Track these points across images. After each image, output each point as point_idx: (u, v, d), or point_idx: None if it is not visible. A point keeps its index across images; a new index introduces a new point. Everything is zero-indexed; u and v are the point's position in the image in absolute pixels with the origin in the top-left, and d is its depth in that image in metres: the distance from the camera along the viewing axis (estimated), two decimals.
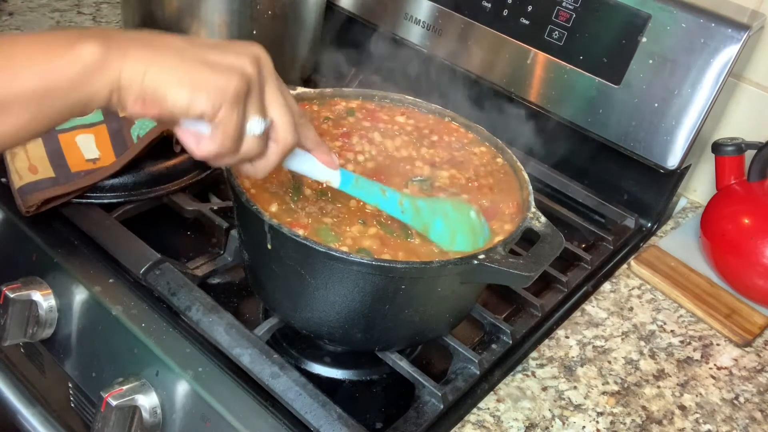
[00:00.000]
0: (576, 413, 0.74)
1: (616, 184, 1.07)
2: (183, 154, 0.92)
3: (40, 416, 0.91)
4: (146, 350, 0.74)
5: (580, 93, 1.02)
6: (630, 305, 0.90)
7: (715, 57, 0.92)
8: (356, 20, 1.23)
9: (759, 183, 0.94)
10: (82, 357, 0.81)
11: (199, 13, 1.06)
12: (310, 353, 0.80)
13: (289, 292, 0.71)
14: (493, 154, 0.82)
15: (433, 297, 0.69)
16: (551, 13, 1.02)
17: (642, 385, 0.79)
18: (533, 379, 0.78)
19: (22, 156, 0.86)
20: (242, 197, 0.66)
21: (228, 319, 0.74)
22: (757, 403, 0.80)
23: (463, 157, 0.81)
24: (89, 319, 0.80)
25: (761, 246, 0.90)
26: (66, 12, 1.28)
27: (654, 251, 0.97)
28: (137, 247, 0.82)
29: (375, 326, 0.71)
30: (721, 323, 0.88)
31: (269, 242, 0.66)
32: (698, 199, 1.12)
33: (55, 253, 0.82)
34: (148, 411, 0.72)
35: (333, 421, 0.66)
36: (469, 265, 0.65)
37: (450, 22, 1.12)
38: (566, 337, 0.84)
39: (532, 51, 1.05)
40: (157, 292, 0.78)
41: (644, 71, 0.96)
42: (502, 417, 0.73)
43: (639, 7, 0.95)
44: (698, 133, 0.96)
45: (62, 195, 0.84)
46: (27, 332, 0.81)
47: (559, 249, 0.69)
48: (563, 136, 1.08)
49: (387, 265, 0.63)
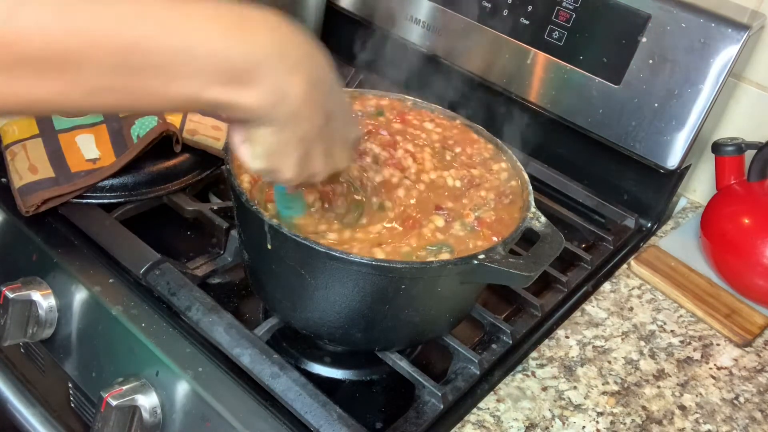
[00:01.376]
0: (576, 413, 0.74)
1: (616, 184, 1.07)
2: (183, 154, 0.92)
3: (40, 416, 0.91)
4: (146, 350, 0.74)
5: (580, 93, 1.02)
6: (630, 305, 0.90)
7: (715, 57, 0.92)
8: (356, 20, 1.23)
9: (759, 183, 0.94)
10: (82, 357, 0.81)
11: None
12: (310, 353, 0.80)
13: (289, 292, 0.71)
14: (510, 174, 0.79)
15: (433, 297, 0.69)
16: (551, 13, 1.02)
17: (642, 385, 0.79)
18: (533, 379, 0.78)
19: (22, 156, 0.86)
20: (242, 197, 0.66)
21: (228, 319, 0.74)
22: (757, 403, 0.80)
23: (480, 176, 0.78)
24: (89, 319, 0.80)
25: (761, 246, 0.90)
26: None
27: (654, 251, 0.97)
28: (137, 247, 0.82)
29: (375, 326, 0.71)
30: (721, 323, 0.88)
31: (269, 242, 0.66)
32: (698, 199, 1.12)
33: (55, 253, 0.82)
34: (148, 411, 0.72)
35: (333, 421, 0.66)
36: (469, 265, 0.65)
37: (450, 22, 1.12)
38: (566, 337, 0.84)
39: (532, 51, 1.05)
40: (157, 292, 0.78)
41: (644, 71, 0.96)
42: (502, 417, 0.73)
43: (639, 7, 0.95)
44: (698, 133, 0.96)
45: (62, 195, 0.84)
46: (27, 332, 0.81)
47: (559, 249, 0.69)
48: (563, 136, 1.08)
49: (387, 265, 0.63)
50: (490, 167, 0.80)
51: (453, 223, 0.71)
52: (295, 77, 0.50)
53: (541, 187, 1.09)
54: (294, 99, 0.50)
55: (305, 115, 0.52)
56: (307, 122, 0.52)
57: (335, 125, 0.56)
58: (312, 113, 0.52)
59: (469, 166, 0.79)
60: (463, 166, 0.79)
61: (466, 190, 0.76)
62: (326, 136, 0.55)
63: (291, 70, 0.49)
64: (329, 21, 1.22)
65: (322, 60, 0.53)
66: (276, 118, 0.51)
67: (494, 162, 0.81)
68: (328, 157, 0.57)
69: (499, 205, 0.74)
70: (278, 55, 0.49)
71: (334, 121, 0.55)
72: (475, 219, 0.72)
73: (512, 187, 0.77)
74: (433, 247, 0.68)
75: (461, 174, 0.77)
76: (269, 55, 0.48)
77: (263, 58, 0.48)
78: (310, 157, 0.56)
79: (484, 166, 0.80)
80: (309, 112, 0.52)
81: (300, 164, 0.56)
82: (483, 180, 0.77)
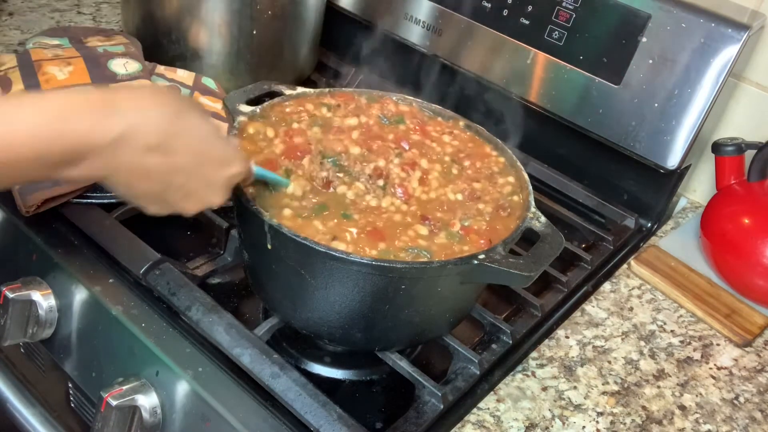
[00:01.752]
0: (576, 413, 0.74)
1: (616, 184, 1.07)
2: None
3: (40, 416, 0.91)
4: (146, 350, 0.74)
5: (580, 93, 1.02)
6: (630, 305, 0.90)
7: (715, 57, 0.92)
8: (356, 20, 1.23)
9: (759, 183, 0.94)
10: (82, 357, 0.81)
11: (199, 13, 1.06)
12: (310, 353, 0.80)
13: (289, 292, 0.71)
14: (514, 189, 0.78)
15: (433, 297, 0.69)
16: (551, 13, 1.02)
17: (642, 385, 0.79)
18: (533, 379, 0.78)
19: None
20: (242, 197, 0.66)
21: (228, 319, 0.74)
22: (757, 403, 0.80)
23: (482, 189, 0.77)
24: (89, 319, 0.80)
25: (761, 246, 0.90)
26: (66, 12, 1.28)
27: (654, 251, 0.97)
28: (137, 247, 0.82)
29: (375, 326, 0.71)
30: (721, 323, 0.88)
31: (269, 242, 0.66)
32: (698, 199, 1.12)
33: (55, 253, 0.82)
34: (148, 411, 0.72)
35: (333, 421, 0.66)
36: (469, 265, 0.65)
37: (450, 22, 1.12)
38: (566, 337, 0.84)
39: (532, 51, 1.05)
40: (157, 292, 0.78)
41: (644, 71, 0.96)
42: (502, 417, 0.73)
43: (639, 7, 0.95)
44: (698, 133, 0.96)
45: (62, 195, 0.84)
46: (27, 332, 0.81)
47: (559, 249, 0.69)
48: (563, 136, 1.08)
49: (387, 264, 0.63)
50: (496, 181, 0.79)
51: (439, 233, 0.70)
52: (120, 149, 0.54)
53: (541, 187, 1.09)
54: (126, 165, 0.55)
55: (140, 173, 0.57)
56: (145, 180, 0.58)
57: (196, 170, 0.60)
58: (153, 169, 0.57)
59: (473, 180, 0.78)
60: (467, 179, 0.78)
61: (465, 203, 0.75)
62: (179, 184, 0.59)
63: (116, 143, 0.53)
64: (329, 21, 1.22)
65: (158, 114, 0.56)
66: (111, 184, 0.58)
67: (501, 176, 0.80)
68: (189, 198, 0.61)
69: (496, 217, 0.73)
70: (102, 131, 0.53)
71: (196, 167, 0.59)
72: (461, 228, 0.71)
73: (513, 201, 0.76)
74: (412, 249, 0.67)
75: (462, 188, 0.77)
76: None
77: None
78: (166, 200, 0.61)
79: (490, 180, 0.79)
80: (145, 171, 0.56)
81: (157, 205, 0.62)
82: (484, 193, 0.77)
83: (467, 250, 0.68)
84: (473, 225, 0.72)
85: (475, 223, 0.72)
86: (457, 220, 0.72)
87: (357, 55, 1.16)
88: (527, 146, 1.06)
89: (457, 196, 0.75)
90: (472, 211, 0.74)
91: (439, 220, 0.71)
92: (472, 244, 0.69)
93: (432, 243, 0.69)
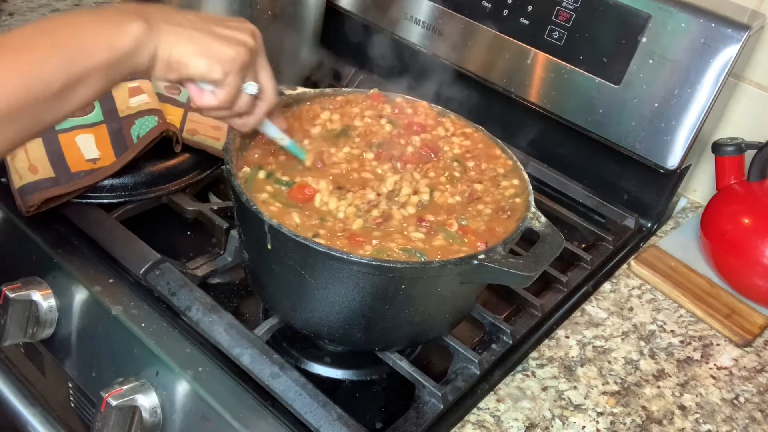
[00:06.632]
0: (576, 413, 0.74)
1: (616, 184, 1.07)
2: (183, 154, 0.92)
3: (40, 416, 0.91)
4: (146, 350, 0.74)
5: (580, 93, 1.02)
6: (630, 305, 0.90)
7: (715, 57, 0.92)
8: (356, 20, 1.23)
9: (759, 183, 0.94)
10: (82, 357, 0.81)
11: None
12: (310, 353, 0.80)
13: (289, 292, 0.71)
14: (517, 192, 0.78)
15: (433, 297, 0.69)
16: (551, 13, 1.02)
17: (642, 385, 0.79)
18: (533, 379, 0.78)
19: (22, 156, 0.86)
20: (242, 197, 0.66)
21: (228, 319, 0.74)
22: (757, 403, 0.80)
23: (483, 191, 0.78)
24: (89, 319, 0.80)
25: (761, 246, 0.90)
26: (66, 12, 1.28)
27: (654, 251, 0.97)
28: (137, 247, 0.82)
29: (375, 326, 0.71)
30: (721, 323, 0.88)
31: (269, 242, 0.66)
32: (698, 199, 1.12)
33: (55, 253, 0.82)
34: (148, 411, 0.72)
35: (333, 421, 0.66)
36: (469, 265, 0.65)
37: (450, 22, 1.12)
38: (566, 337, 0.84)
39: (532, 51, 1.05)
40: (157, 292, 0.78)
41: (644, 71, 0.96)
42: (502, 417, 0.73)
43: (639, 7, 0.95)
44: (698, 133, 0.96)
45: (62, 195, 0.84)
46: (27, 332, 0.81)
47: (559, 249, 0.69)
48: (563, 136, 1.08)
49: (387, 265, 0.63)
50: (499, 183, 0.79)
51: (436, 235, 0.70)
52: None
53: (541, 187, 1.09)
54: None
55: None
56: (186, 27, 0.62)
57: (219, 19, 0.65)
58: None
59: (475, 181, 0.78)
60: (468, 181, 0.78)
61: (466, 204, 0.75)
62: (211, 30, 0.63)
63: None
64: (329, 21, 1.22)
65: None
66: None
67: (505, 179, 0.80)
68: (224, 40, 0.64)
69: (495, 218, 0.73)
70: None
71: (213, 24, 0.64)
72: (459, 228, 0.71)
73: (514, 203, 0.76)
74: (408, 250, 0.67)
75: (461, 189, 0.77)
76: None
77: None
78: (208, 46, 0.63)
79: (492, 182, 0.79)
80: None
81: (206, 57, 0.63)
82: (485, 194, 0.77)
83: (465, 252, 0.68)
84: (471, 225, 0.72)
85: (473, 223, 0.72)
86: (454, 220, 0.72)
87: (357, 55, 1.16)
88: (527, 146, 1.06)
89: (456, 198, 0.75)
90: (471, 211, 0.74)
91: (435, 222, 0.71)
92: (470, 245, 0.69)
93: (430, 246, 0.69)
